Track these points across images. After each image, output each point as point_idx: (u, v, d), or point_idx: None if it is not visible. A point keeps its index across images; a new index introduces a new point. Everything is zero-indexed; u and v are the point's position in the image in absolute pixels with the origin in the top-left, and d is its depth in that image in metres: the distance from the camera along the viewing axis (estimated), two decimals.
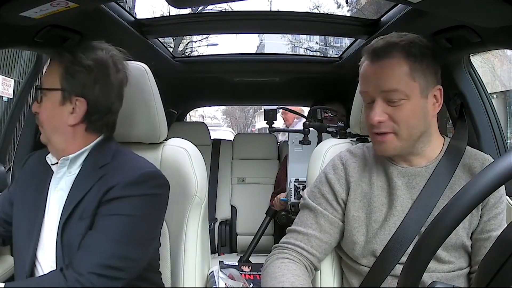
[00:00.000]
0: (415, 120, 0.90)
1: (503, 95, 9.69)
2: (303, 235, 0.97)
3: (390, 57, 0.89)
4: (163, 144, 1.21)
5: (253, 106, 17.83)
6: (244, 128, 24.98)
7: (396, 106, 0.89)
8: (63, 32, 1.20)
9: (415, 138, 0.91)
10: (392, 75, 0.88)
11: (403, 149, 0.92)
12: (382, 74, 0.89)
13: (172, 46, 9.17)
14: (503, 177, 0.54)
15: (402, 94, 0.88)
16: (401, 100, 0.88)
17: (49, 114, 0.96)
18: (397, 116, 0.89)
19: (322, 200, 0.99)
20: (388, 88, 0.88)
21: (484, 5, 0.88)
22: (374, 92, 0.90)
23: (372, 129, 0.92)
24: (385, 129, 0.90)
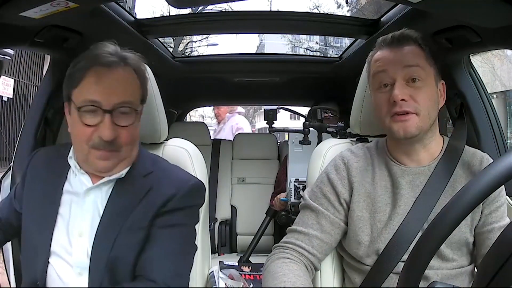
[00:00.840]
0: (432, 102, 0.93)
1: (503, 95, 9.70)
2: (304, 235, 0.97)
3: (409, 43, 0.94)
4: (164, 144, 1.21)
5: (253, 106, 17.82)
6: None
7: (415, 87, 0.91)
8: (63, 32, 1.20)
9: (431, 122, 0.94)
10: (413, 55, 0.93)
11: (423, 130, 0.92)
12: (406, 54, 0.93)
13: (172, 46, 9.17)
14: (503, 177, 0.54)
15: (422, 72, 0.92)
16: (420, 81, 0.91)
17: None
18: (418, 97, 0.91)
19: (324, 201, 0.99)
20: (411, 63, 0.92)
21: (484, 5, 0.88)
22: (394, 70, 0.92)
23: (393, 108, 0.91)
24: (408, 107, 0.90)
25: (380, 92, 0.95)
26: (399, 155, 0.98)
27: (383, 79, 0.94)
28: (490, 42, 1.12)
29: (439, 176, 0.93)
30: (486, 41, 1.10)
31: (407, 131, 0.91)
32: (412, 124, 0.90)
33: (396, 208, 0.94)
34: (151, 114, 1.15)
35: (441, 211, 0.58)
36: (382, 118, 0.94)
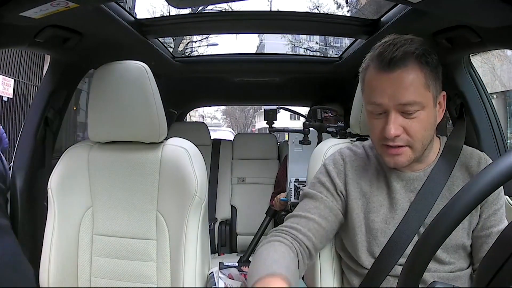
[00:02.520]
0: (428, 130, 0.88)
1: (503, 95, 9.69)
2: (301, 218, 0.95)
3: (407, 66, 0.84)
4: (163, 143, 1.21)
5: (253, 106, 17.83)
6: (244, 128, 25.00)
7: (410, 119, 0.86)
8: (63, 32, 1.20)
9: (425, 148, 0.91)
10: (409, 87, 0.84)
11: (416, 159, 0.91)
12: (400, 86, 0.84)
13: (172, 46, 9.17)
14: (503, 177, 0.54)
15: (419, 106, 0.85)
16: (417, 111, 0.85)
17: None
18: (413, 129, 0.86)
19: (322, 189, 0.99)
20: (406, 101, 0.84)
21: (484, 5, 0.88)
22: (389, 105, 0.86)
23: (385, 142, 0.88)
24: (400, 142, 0.87)
25: (373, 117, 0.90)
26: None
27: (376, 109, 0.89)
28: (490, 42, 1.12)
29: (436, 179, 0.92)
30: (486, 41, 1.10)
31: (398, 164, 0.90)
32: (404, 158, 0.89)
33: (392, 213, 0.93)
34: (151, 114, 1.15)
35: (440, 213, 0.58)
36: (375, 142, 0.93)
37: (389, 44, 0.87)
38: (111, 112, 1.17)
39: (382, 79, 0.86)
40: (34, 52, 5.43)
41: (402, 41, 0.87)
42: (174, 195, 1.17)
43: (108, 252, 1.21)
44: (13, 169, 1.36)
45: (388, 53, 0.85)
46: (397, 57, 0.84)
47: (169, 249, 1.17)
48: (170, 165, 1.18)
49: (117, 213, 1.21)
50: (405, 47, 0.85)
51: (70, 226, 1.21)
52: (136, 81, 1.15)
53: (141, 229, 1.20)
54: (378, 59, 0.87)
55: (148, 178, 1.20)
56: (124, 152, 1.23)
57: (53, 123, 1.43)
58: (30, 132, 1.39)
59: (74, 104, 5.24)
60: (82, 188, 1.22)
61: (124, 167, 1.22)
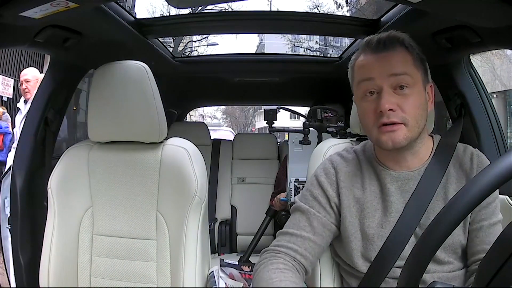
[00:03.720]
0: (420, 110, 0.89)
1: (503, 94, 9.69)
2: (297, 237, 0.94)
3: (395, 47, 0.90)
4: (163, 143, 1.21)
5: (253, 106, 17.83)
6: (244, 128, 25.01)
7: (403, 95, 0.88)
8: (63, 32, 1.20)
9: (420, 130, 0.91)
10: (401, 61, 0.89)
11: (412, 139, 0.90)
12: (391, 60, 0.89)
13: (172, 46, 9.17)
14: (503, 177, 0.53)
15: (410, 79, 0.88)
16: (408, 88, 0.88)
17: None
18: (406, 105, 0.87)
19: (315, 203, 0.97)
20: (398, 71, 0.88)
21: (484, 5, 0.88)
22: (381, 78, 0.88)
23: (380, 119, 0.88)
24: (395, 118, 0.87)
25: (365, 101, 0.91)
26: (387, 161, 0.96)
27: (368, 87, 0.90)
28: (490, 42, 1.12)
29: (430, 179, 0.91)
30: (486, 41, 1.10)
31: (395, 142, 0.88)
32: (400, 134, 0.88)
33: (387, 216, 0.93)
34: (151, 114, 1.15)
35: (439, 214, 0.57)
36: (369, 129, 0.92)
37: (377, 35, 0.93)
38: (111, 112, 1.17)
39: (374, 58, 0.91)
40: (34, 52, 5.43)
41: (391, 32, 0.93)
42: (174, 195, 1.17)
43: (108, 252, 1.21)
44: (13, 169, 1.36)
45: (377, 38, 0.91)
46: (386, 39, 0.90)
47: (169, 249, 1.17)
48: (170, 165, 1.18)
49: (117, 213, 1.21)
50: (391, 34, 0.92)
51: (70, 226, 1.21)
52: (136, 81, 1.15)
53: (141, 229, 1.20)
54: (368, 44, 0.92)
55: (148, 178, 1.20)
56: (124, 152, 1.23)
57: (53, 123, 1.43)
58: (30, 132, 1.39)
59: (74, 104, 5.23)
60: (82, 188, 1.22)
61: (124, 167, 1.22)
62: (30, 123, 1.40)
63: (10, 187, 1.35)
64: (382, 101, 0.87)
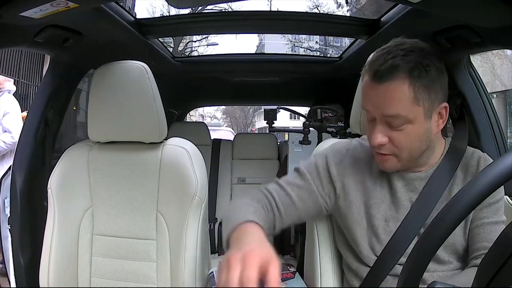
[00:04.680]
0: (417, 143, 0.88)
1: (503, 94, 9.69)
2: (282, 189, 0.98)
3: (393, 80, 0.83)
4: (163, 143, 1.21)
5: (253, 106, 17.83)
6: (244, 128, 25.00)
7: (396, 130, 0.86)
8: (63, 32, 1.20)
9: (416, 157, 0.91)
10: (394, 101, 0.84)
11: (404, 166, 0.92)
12: (384, 98, 0.84)
13: (172, 46, 9.17)
14: (503, 177, 0.53)
15: (404, 120, 0.85)
16: (403, 125, 0.85)
17: None
18: (398, 141, 0.87)
19: (314, 171, 0.99)
20: (389, 113, 0.85)
21: (484, 5, 0.88)
22: (375, 114, 0.88)
23: (373, 148, 0.91)
24: (385, 151, 0.89)
25: (368, 123, 0.92)
26: None
27: (368, 115, 0.91)
28: (490, 42, 1.12)
29: (438, 180, 0.92)
30: (486, 41, 1.10)
31: (385, 169, 0.93)
32: (390, 164, 0.90)
33: (392, 211, 0.94)
34: (151, 114, 1.15)
35: (439, 213, 0.58)
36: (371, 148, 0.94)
37: (385, 53, 0.86)
38: (111, 112, 1.17)
39: (370, 88, 0.87)
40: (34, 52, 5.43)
41: (399, 51, 0.85)
42: (174, 195, 1.17)
43: (108, 252, 1.21)
44: (13, 169, 1.36)
45: (378, 64, 0.85)
46: (385, 70, 0.83)
47: (169, 249, 1.17)
48: (170, 165, 1.18)
49: (117, 213, 1.21)
50: (396, 59, 0.84)
51: (70, 226, 1.21)
52: (136, 81, 1.15)
53: (141, 229, 1.20)
54: (370, 67, 0.88)
55: (148, 178, 1.20)
56: (124, 152, 1.23)
57: (53, 123, 1.43)
58: (30, 132, 1.39)
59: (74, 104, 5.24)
60: (82, 188, 1.22)
61: (124, 167, 1.22)
62: (30, 123, 1.40)
63: (10, 187, 1.35)
64: (373, 135, 0.88)
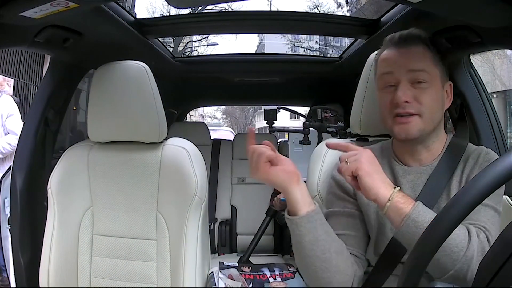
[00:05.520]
0: (436, 104, 0.93)
1: (503, 94, 9.68)
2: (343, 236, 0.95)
3: (416, 43, 0.94)
4: (163, 143, 1.21)
5: (253, 106, 17.82)
6: (244, 128, 24.98)
7: (420, 89, 0.91)
8: (63, 32, 1.20)
9: (435, 124, 0.94)
10: (419, 57, 0.92)
11: (425, 132, 0.93)
12: (411, 56, 0.92)
13: (172, 46, 9.17)
14: (503, 177, 0.53)
15: (427, 76, 0.91)
16: (425, 83, 0.91)
17: None
18: (422, 98, 0.91)
19: (340, 202, 1.01)
20: (416, 67, 0.91)
21: (484, 5, 0.88)
22: (399, 73, 0.92)
23: (396, 110, 0.92)
24: (411, 109, 0.90)
25: (385, 92, 0.95)
26: (402, 154, 0.99)
27: (388, 80, 0.94)
28: (490, 42, 1.12)
29: (440, 174, 0.93)
30: (486, 41, 1.10)
31: (408, 133, 0.92)
32: (414, 126, 0.91)
33: None
34: (151, 114, 1.15)
35: (439, 213, 0.58)
36: (385, 119, 0.95)
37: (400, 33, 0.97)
38: (111, 112, 1.17)
39: (395, 53, 0.95)
40: (34, 52, 5.43)
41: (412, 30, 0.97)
42: (174, 195, 1.17)
43: (108, 252, 1.21)
44: (13, 169, 1.36)
45: (399, 34, 0.96)
46: (408, 35, 0.95)
47: (169, 249, 1.17)
48: (170, 165, 1.18)
49: (117, 213, 1.21)
50: (413, 31, 0.96)
51: (70, 226, 1.21)
52: (136, 81, 1.15)
53: (141, 229, 1.20)
54: (390, 39, 0.97)
55: (148, 178, 1.20)
56: (124, 152, 1.23)
57: (53, 123, 1.43)
58: (30, 132, 1.39)
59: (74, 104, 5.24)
60: (82, 188, 1.22)
61: (124, 167, 1.22)
62: (30, 123, 1.40)
63: (10, 187, 1.35)
64: (398, 93, 0.91)
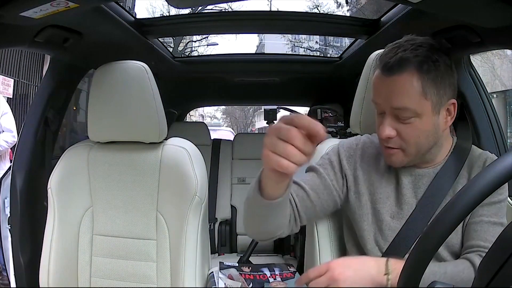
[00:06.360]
0: (424, 138, 0.88)
1: (503, 94, 9.69)
2: (297, 185, 0.97)
3: (402, 72, 0.85)
4: (163, 143, 1.21)
5: (253, 106, 17.82)
6: (244, 128, 24.99)
7: (405, 124, 0.87)
8: (63, 32, 1.20)
9: (423, 153, 0.91)
10: (402, 93, 0.85)
11: (411, 162, 0.92)
12: (393, 91, 0.86)
13: (172, 46, 9.17)
14: (503, 177, 0.53)
15: (412, 113, 0.86)
16: (411, 118, 0.86)
17: None
18: (406, 134, 0.87)
19: (327, 165, 1.00)
20: (398, 105, 0.86)
21: (484, 5, 0.88)
22: (384, 106, 0.89)
23: (381, 141, 0.92)
24: (393, 145, 0.89)
25: (377, 117, 0.93)
26: None
27: (376, 108, 0.93)
28: (490, 42, 1.12)
29: (444, 178, 0.92)
30: (486, 41, 1.10)
31: (392, 164, 0.93)
32: (397, 158, 0.91)
33: (398, 208, 0.94)
34: (151, 114, 1.15)
35: (440, 212, 0.58)
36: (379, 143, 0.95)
37: (395, 47, 0.89)
38: (111, 112, 1.17)
39: (380, 81, 0.90)
40: (34, 52, 5.43)
41: (409, 45, 0.87)
42: (174, 195, 1.17)
43: (108, 252, 1.21)
44: (13, 169, 1.36)
45: (388, 57, 0.87)
46: (394, 63, 0.86)
47: (169, 249, 1.17)
48: (170, 165, 1.18)
49: (117, 213, 1.21)
50: (406, 53, 0.86)
51: (70, 226, 1.21)
52: (136, 81, 1.15)
53: (141, 229, 1.20)
54: (380, 61, 0.90)
55: (148, 178, 1.20)
56: (124, 152, 1.23)
57: (53, 123, 1.43)
58: (30, 132, 1.39)
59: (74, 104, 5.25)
60: (82, 188, 1.22)
61: (124, 167, 1.22)
62: (30, 123, 1.40)
63: (10, 187, 1.35)
64: (381, 127, 0.89)
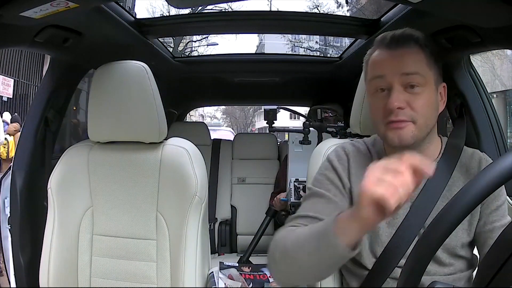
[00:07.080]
0: (430, 109, 0.89)
1: (503, 94, 9.70)
2: (312, 219, 0.89)
3: (409, 44, 0.89)
4: (163, 143, 1.21)
5: (253, 106, 17.84)
6: (244, 128, 25.01)
7: (413, 94, 0.87)
8: (63, 32, 1.20)
9: (429, 130, 0.90)
10: (413, 60, 0.88)
11: (419, 138, 0.89)
12: (403, 58, 0.88)
13: (172, 46, 9.17)
14: (503, 177, 0.53)
15: (421, 79, 0.87)
16: (419, 87, 0.87)
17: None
18: (416, 104, 0.87)
19: (331, 187, 0.95)
20: (410, 70, 0.87)
21: (484, 5, 0.88)
22: (392, 76, 0.88)
23: (388, 117, 0.88)
24: (404, 116, 0.86)
25: (376, 97, 0.91)
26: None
27: (379, 84, 0.90)
28: (490, 42, 1.12)
29: (437, 179, 0.91)
30: (486, 41, 1.10)
31: (402, 140, 0.88)
32: (407, 132, 0.87)
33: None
34: (151, 114, 1.15)
35: (440, 213, 0.57)
36: (377, 125, 0.92)
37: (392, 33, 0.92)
38: (111, 112, 1.17)
39: (387, 54, 0.90)
40: (34, 52, 5.43)
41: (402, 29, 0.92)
42: (174, 195, 1.17)
43: (108, 252, 1.21)
44: (13, 169, 1.36)
45: (391, 34, 0.91)
46: (400, 36, 0.90)
47: (169, 249, 1.17)
48: (170, 165, 1.18)
49: (117, 213, 1.21)
50: (405, 31, 0.91)
51: (70, 226, 1.21)
52: (136, 81, 1.15)
53: (141, 229, 1.20)
54: (382, 40, 0.92)
55: (148, 178, 1.20)
56: (124, 152, 1.23)
57: (53, 123, 1.43)
58: (30, 132, 1.39)
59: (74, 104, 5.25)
60: (82, 188, 1.22)
61: (124, 167, 1.22)
62: (30, 123, 1.40)
63: (10, 187, 1.35)
64: (391, 99, 0.86)
